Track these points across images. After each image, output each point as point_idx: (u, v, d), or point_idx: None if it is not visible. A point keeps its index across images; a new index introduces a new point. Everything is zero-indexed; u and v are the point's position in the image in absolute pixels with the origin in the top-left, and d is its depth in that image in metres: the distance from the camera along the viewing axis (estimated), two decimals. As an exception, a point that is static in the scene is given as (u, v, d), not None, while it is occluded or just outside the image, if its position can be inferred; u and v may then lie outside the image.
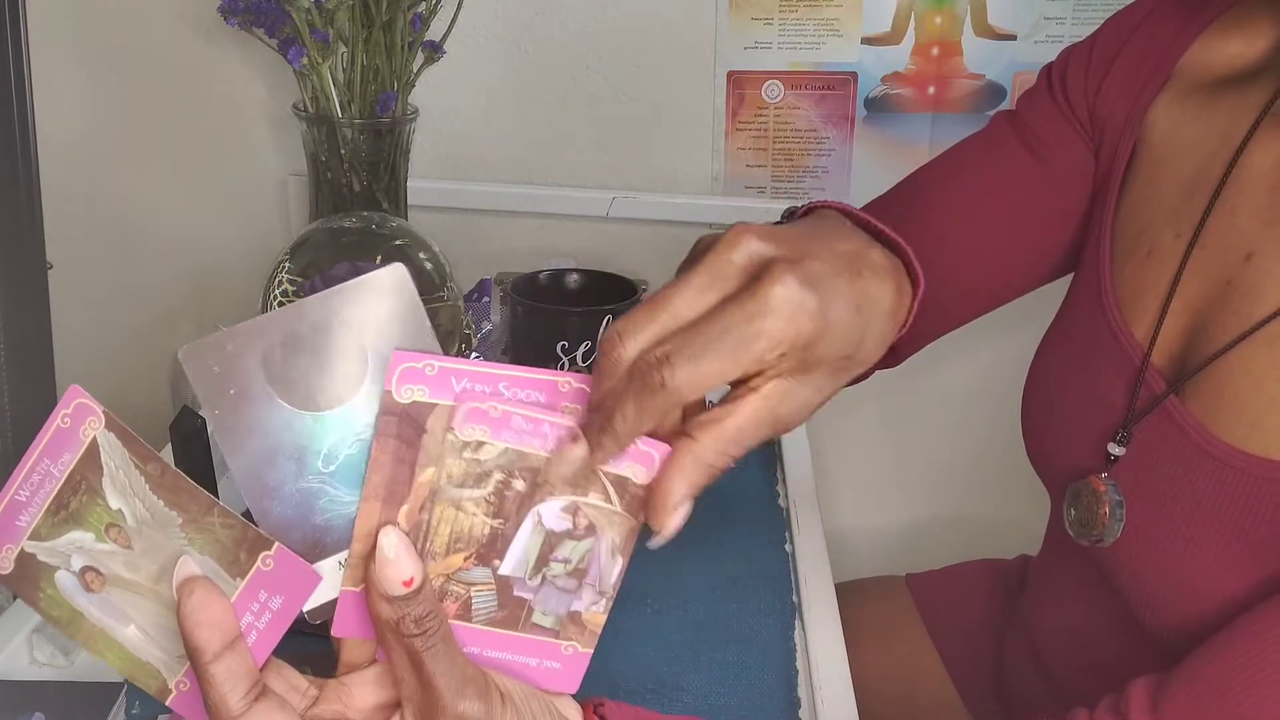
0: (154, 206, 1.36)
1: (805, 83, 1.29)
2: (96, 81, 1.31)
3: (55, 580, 0.47)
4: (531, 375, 0.46)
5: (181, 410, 0.87)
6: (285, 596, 0.47)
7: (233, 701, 0.45)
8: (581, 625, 0.49)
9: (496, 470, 0.46)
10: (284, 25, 1.12)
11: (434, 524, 0.47)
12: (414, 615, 0.45)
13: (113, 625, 0.48)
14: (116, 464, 0.47)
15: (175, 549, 0.47)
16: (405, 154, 1.20)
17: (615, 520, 0.47)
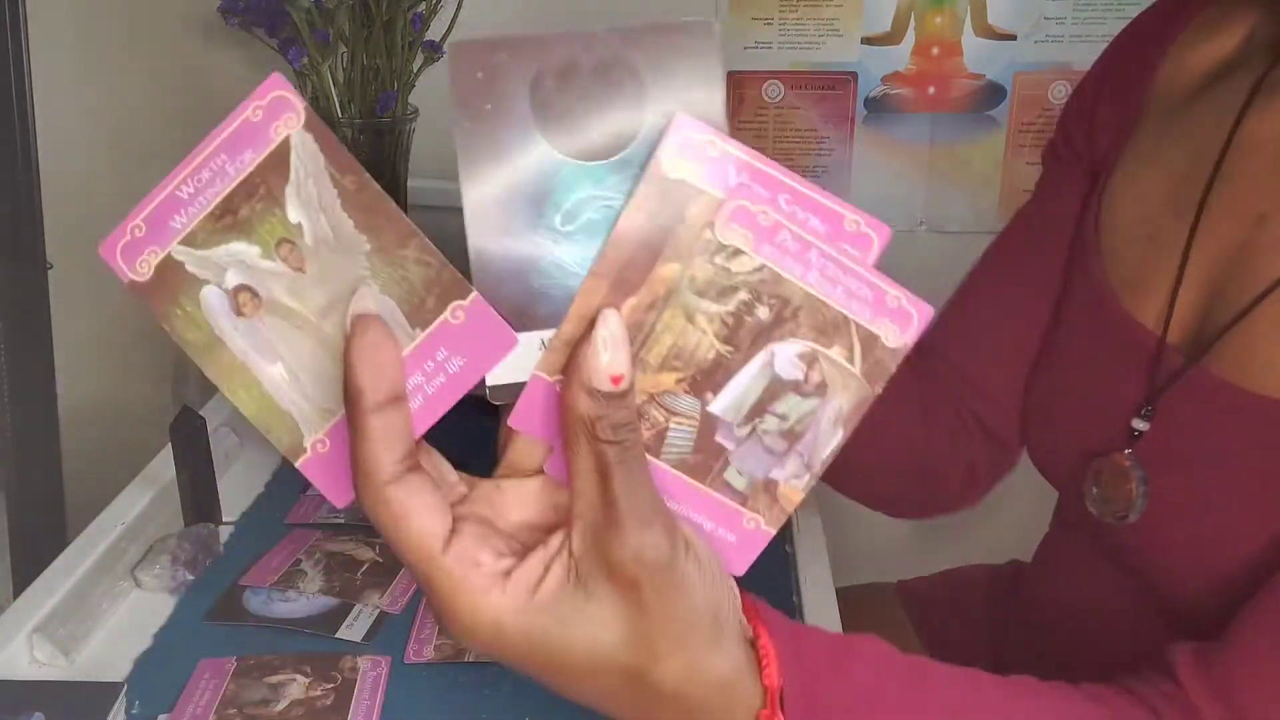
0: (154, 206, 1.36)
1: (805, 83, 1.29)
2: (96, 81, 1.31)
3: (201, 297, 0.41)
4: (819, 198, 0.40)
5: (181, 410, 0.87)
6: (467, 359, 0.40)
7: (387, 462, 0.39)
8: (774, 497, 0.42)
9: (744, 288, 0.40)
10: (284, 25, 1.12)
11: (658, 330, 0.40)
12: (614, 419, 0.38)
13: (256, 360, 0.41)
14: (307, 170, 0.40)
15: (353, 279, 0.40)
16: (405, 154, 1.20)
17: (851, 384, 0.41)
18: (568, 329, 0.40)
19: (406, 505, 0.39)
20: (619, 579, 0.39)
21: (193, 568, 0.81)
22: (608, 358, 0.39)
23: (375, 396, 0.39)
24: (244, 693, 0.69)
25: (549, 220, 0.41)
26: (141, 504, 0.88)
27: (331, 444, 0.42)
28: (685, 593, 0.40)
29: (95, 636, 0.76)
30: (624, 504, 0.39)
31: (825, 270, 0.40)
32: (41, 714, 0.66)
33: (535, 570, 0.40)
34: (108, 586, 0.79)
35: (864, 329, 0.40)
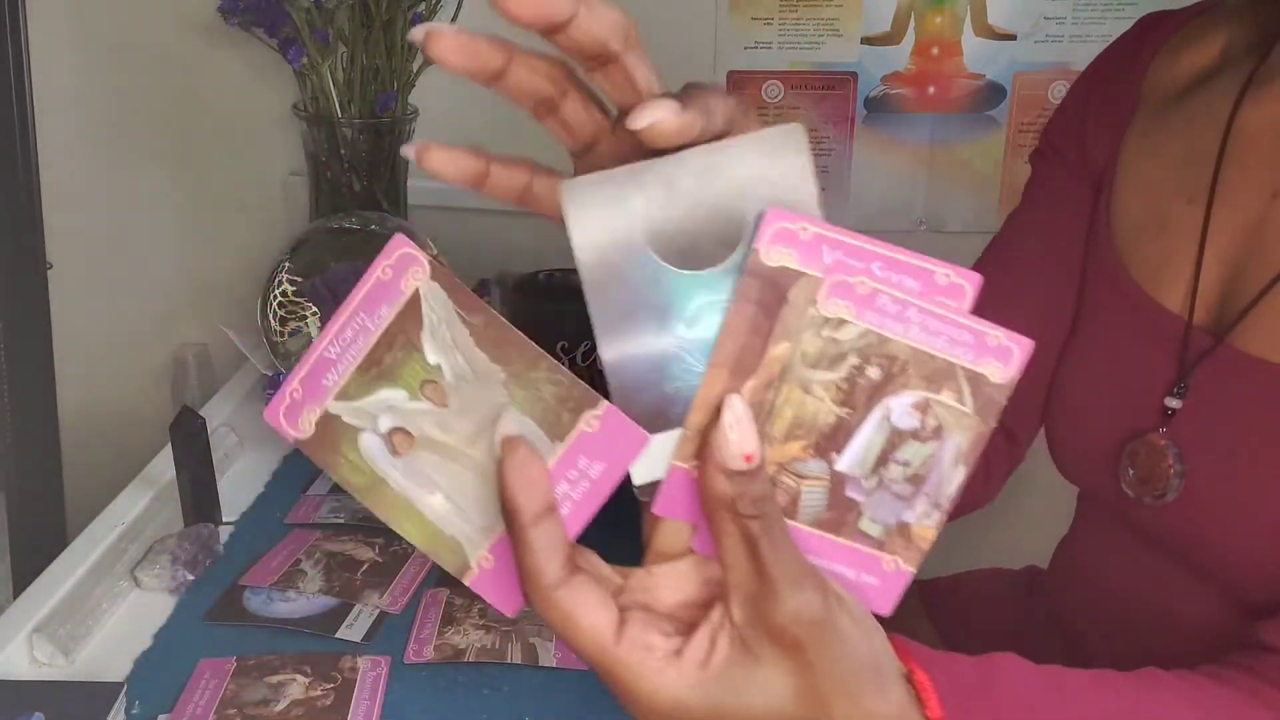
0: (154, 206, 1.36)
1: (805, 83, 1.29)
2: (96, 81, 1.31)
3: (359, 443, 0.45)
4: (909, 260, 0.43)
5: (181, 410, 0.87)
6: (606, 463, 0.44)
7: (551, 570, 0.42)
8: (909, 538, 0.45)
9: (853, 353, 0.43)
10: (284, 25, 1.12)
11: (778, 405, 0.43)
12: (752, 494, 0.42)
13: (417, 493, 0.45)
14: (439, 316, 0.44)
15: (494, 406, 0.44)
16: (405, 154, 1.20)
17: (964, 423, 0.43)
18: (696, 418, 0.44)
19: (575, 605, 0.42)
20: (782, 641, 0.42)
21: (193, 568, 0.81)
22: (736, 438, 0.42)
23: (531, 510, 0.42)
24: (244, 693, 0.69)
25: (674, 328, 0.44)
26: (141, 504, 0.88)
27: (496, 558, 0.45)
28: (845, 644, 0.43)
29: (95, 636, 0.76)
30: (774, 571, 0.42)
31: (925, 324, 0.43)
32: (41, 714, 0.66)
33: (703, 645, 0.43)
34: (108, 586, 0.79)
35: (970, 370, 0.43)
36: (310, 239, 1.09)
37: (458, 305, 0.44)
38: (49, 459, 1.25)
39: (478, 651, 0.73)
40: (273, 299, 1.06)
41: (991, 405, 0.43)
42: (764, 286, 0.43)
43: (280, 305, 1.06)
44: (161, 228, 1.37)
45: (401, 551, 0.85)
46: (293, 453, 1.01)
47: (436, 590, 0.80)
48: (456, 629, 0.75)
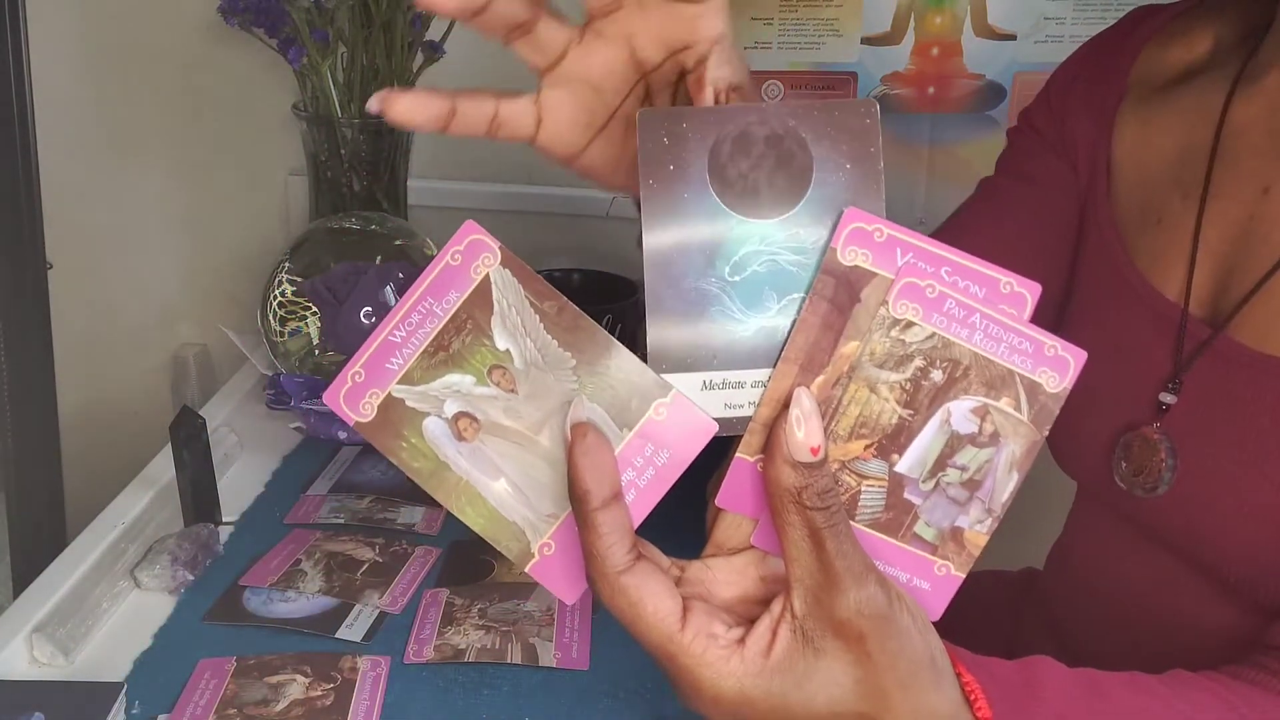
0: (154, 206, 1.36)
1: (805, 83, 1.29)
2: (96, 81, 1.31)
3: (423, 428, 0.45)
4: (977, 266, 0.44)
5: (181, 410, 0.87)
6: (672, 451, 0.45)
7: (619, 553, 0.43)
8: (961, 544, 0.46)
9: (919, 355, 0.44)
10: (284, 25, 1.12)
11: (845, 403, 0.44)
12: (817, 487, 0.42)
13: (480, 479, 0.45)
14: (510, 302, 0.45)
15: (563, 394, 0.45)
16: (405, 154, 1.20)
17: (1021, 431, 0.45)
18: (764, 412, 0.45)
19: (642, 591, 0.43)
20: (845, 634, 0.43)
21: (193, 568, 0.81)
22: (804, 432, 0.42)
23: (601, 495, 0.43)
24: (244, 693, 0.69)
25: (719, 270, 0.45)
26: (141, 504, 0.88)
27: (558, 546, 0.46)
28: (905, 640, 0.44)
29: (95, 636, 0.76)
30: (839, 564, 0.42)
31: (989, 330, 0.44)
32: (41, 714, 0.66)
33: (765, 636, 0.44)
34: (108, 586, 0.79)
35: (1027, 379, 0.44)
36: (310, 239, 1.09)
37: (529, 292, 0.45)
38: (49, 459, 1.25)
39: (478, 651, 0.73)
40: (273, 299, 1.06)
41: (1046, 414, 0.45)
42: (838, 285, 0.44)
43: (280, 305, 1.06)
44: (161, 228, 1.37)
45: (401, 551, 0.85)
46: (293, 453, 1.01)
47: (436, 590, 0.80)
48: (456, 629, 0.75)
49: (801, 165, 0.45)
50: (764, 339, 0.45)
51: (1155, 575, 0.74)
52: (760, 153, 0.45)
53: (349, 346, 1.04)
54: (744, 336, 0.45)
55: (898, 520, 0.45)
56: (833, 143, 0.45)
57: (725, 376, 0.45)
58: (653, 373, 0.45)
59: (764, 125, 0.45)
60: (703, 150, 0.45)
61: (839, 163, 0.45)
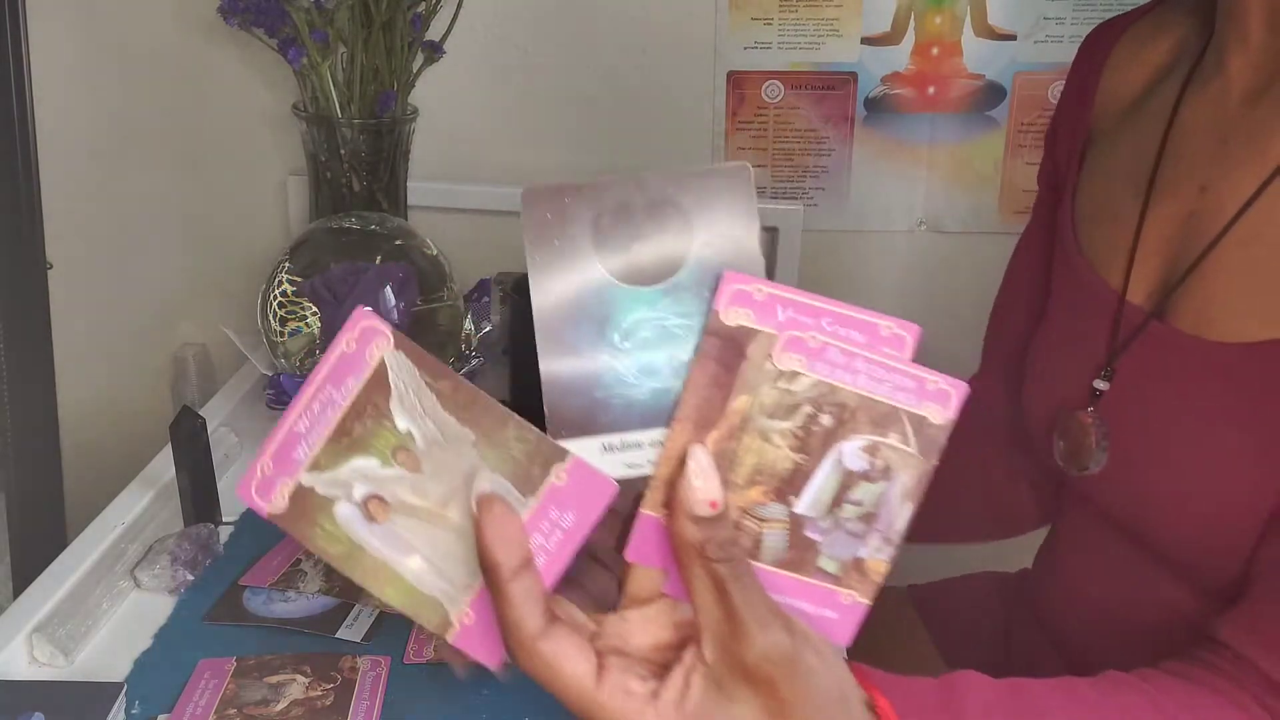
0: (154, 206, 1.36)
1: (805, 83, 1.29)
2: (96, 81, 1.31)
3: (334, 513, 0.46)
4: (854, 314, 0.46)
5: (181, 410, 0.87)
6: (576, 513, 0.46)
7: (531, 621, 0.44)
8: (864, 573, 0.48)
9: (806, 403, 0.46)
10: (284, 25, 1.12)
11: (740, 454, 0.46)
12: (719, 539, 0.44)
13: (395, 557, 0.46)
14: (406, 384, 0.46)
15: (466, 468, 0.46)
16: (405, 154, 1.20)
17: (910, 462, 0.47)
18: (663, 470, 0.47)
19: (557, 654, 0.44)
20: (754, 679, 0.44)
21: (193, 568, 0.81)
22: (701, 486, 0.45)
23: (510, 565, 0.44)
24: (244, 693, 0.69)
25: (609, 338, 0.47)
26: (141, 504, 0.88)
27: (476, 614, 0.47)
28: (812, 679, 0.45)
29: (95, 636, 0.76)
30: (744, 612, 0.44)
31: (871, 373, 0.46)
32: (41, 714, 0.66)
33: (678, 686, 0.45)
34: (108, 586, 0.79)
35: (913, 414, 0.46)
36: (310, 239, 1.09)
37: (424, 372, 0.46)
38: (49, 459, 1.25)
39: (478, 651, 0.73)
40: (273, 299, 1.06)
41: (933, 444, 0.47)
42: (724, 345, 0.46)
43: (280, 305, 1.06)
44: (161, 228, 1.37)
45: (401, 551, 0.85)
46: (293, 453, 1.00)
47: (436, 590, 0.80)
48: (456, 629, 0.75)
49: (680, 232, 0.47)
50: (658, 400, 0.47)
51: (1129, 568, 0.75)
52: (640, 222, 0.47)
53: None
54: (639, 399, 0.47)
55: (801, 557, 0.47)
56: (710, 209, 0.47)
57: (623, 438, 0.47)
58: (550, 439, 0.46)
59: (643, 195, 0.47)
60: (586, 224, 0.47)
61: (717, 227, 0.47)
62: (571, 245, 0.47)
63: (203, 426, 0.87)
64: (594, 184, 0.47)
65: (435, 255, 1.10)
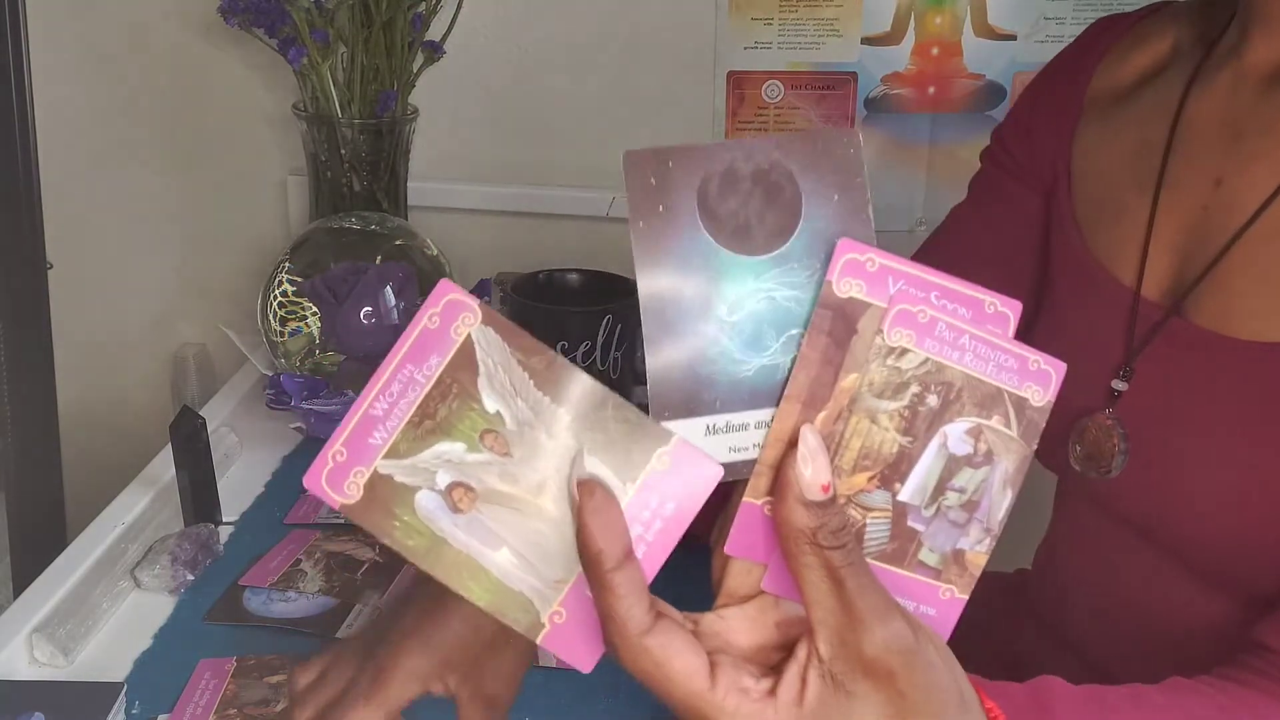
0: (154, 206, 1.36)
1: (805, 83, 1.29)
2: (96, 81, 1.31)
3: (415, 503, 0.42)
4: (961, 289, 0.44)
5: (181, 410, 0.87)
6: (678, 501, 0.43)
7: (638, 616, 0.41)
8: (963, 566, 0.45)
9: (914, 381, 0.44)
10: (284, 25, 1.12)
11: (847, 436, 0.44)
12: (832, 526, 0.41)
13: (481, 550, 0.42)
14: (495, 361, 0.42)
15: (562, 452, 0.42)
16: (405, 154, 1.20)
17: (1012, 447, 0.45)
18: (769, 453, 0.44)
19: (666, 650, 0.42)
20: (875, 673, 0.42)
21: (193, 568, 0.81)
22: (812, 470, 0.42)
23: (615, 555, 0.41)
24: (244, 693, 0.69)
25: (716, 311, 0.44)
26: (141, 504, 0.88)
27: (569, 613, 0.43)
28: (934, 674, 0.43)
29: (95, 636, 0.76)
30: (862, 603, 0.41)
31: (977, 351, 0.44)
32: (41, 714, 0.66)
33: (794, 684, 0.42)
34: (108, 586, 0.79)
35: (1015, 395, 0.45)
36: (310, 239, 1.09)
37: (515, 349, 0.43)
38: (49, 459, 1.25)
39: (478, 651, 0.73)
40: (273, 299, 1.06)
41: (1033, 428, 0.45)
42: (835, 318, 0.44)
43: (280, 305, 1.06)
44: (161, 228, 1.37)
45: (401, 551, 0.85)
46: (293, 452, 1.01)
47: (436, 590, 0.80)
48: (456, 629, 0.75)
49: (790, 198, 0.45)
50: (764, 379, 0.44)
51: (1137, 567, 0.75)
52: (748, 189, 0.44)
53: (349, 346, 1.04)
54: (745, 377, 0.44)
55: (902, 549, 0.45)
56: (819, 173, 0.45)
57: (729, 420, 0.44)
58: (653, 421, 0.43)
59: (749, 160, 0.44)
60: (690, 190, 0.44)
61: (827, 194, 0.45)
62: (676, 212, 0.44)
63: (203, 426, 0.87)
64: (698, 147, 0.44)
65: (435, 255, 1.10)
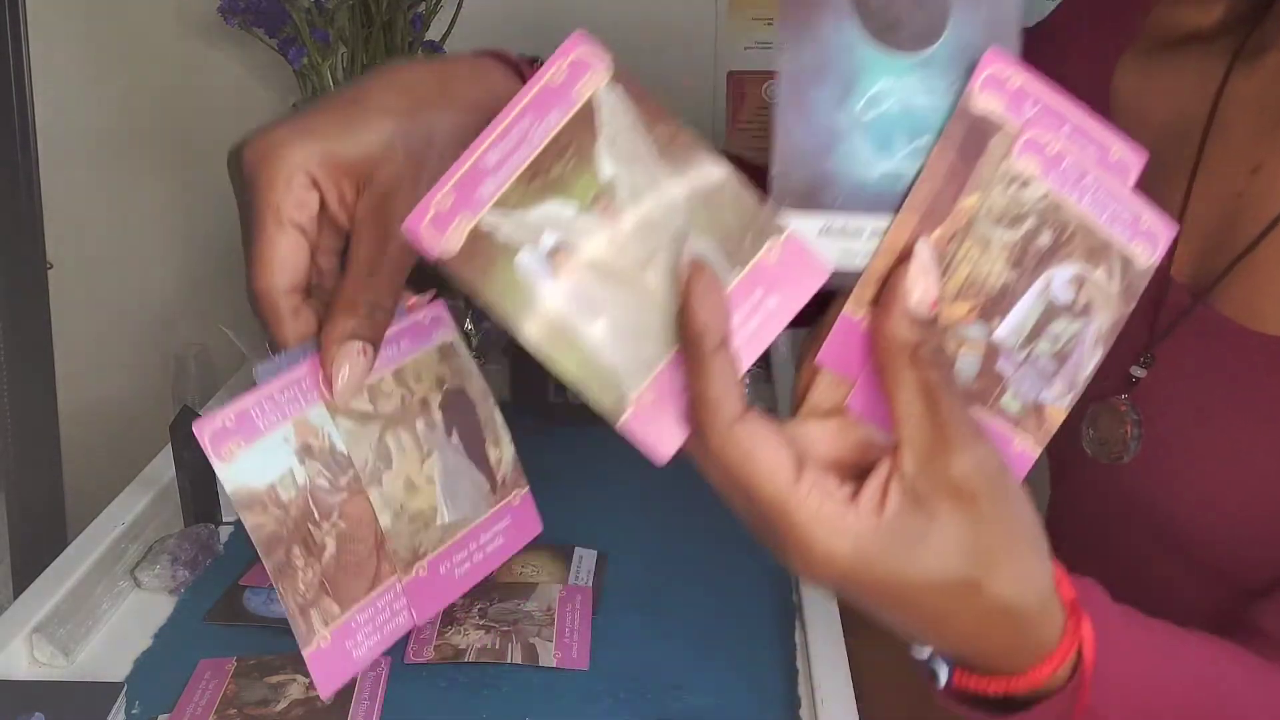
0: (154, 206, 1.36)
1: (805, 83, 1.29)
2: (96, 81, 1.31)
3: (515, 263, 0.40)
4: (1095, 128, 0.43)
5: (181, 410, 0.87)
6: (781, 296, 0.41)
7: (733, 402, 0.40)
8: (1040, 419, 0.44)
9: (1032, 215, 0.43)
10: (284, 25, 1.12)
11: (957, 260, 0.43)
12: (933, 345, 0.41)
13: (576, 319, 0.41)
14: (619, 125, 0.41)
15: (673, 228, 0.41)
16: (405, 154, 1.20)
17: (1110, 304, 0.44)
18: (878, 264, 0.43)
19: (755, 440, 0.40)
20: (959, 494, 0.41)
21: (193, 568, 0.81)
22: (923, 286, 0.41)
23: (716, 337, 0.40)
24: (244, 693, 0.69)
25: (851, 104, 0.43)
26: (141, 504, 0.88)
27: (656, 396, 0.41)
28: (1016, 502, 0.43)
29: (95, 636, 0.76)
30: (954, 423, 0.40)
31: (1096, 196, 0.43)
32: (41, 714, 0.66)
33: (876, 494, 0.41)
34: (108, 586, 0.79)
35: (1122, 251, 0.43)
36: (310, 239, 1.09)
37: (641, 113, 0.41)
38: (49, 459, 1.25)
39: (478, 651, 0.73)
40: (273, 299, 1.06)
41: (1133, 290, 0.44)
42: (968, 133, 0.42)
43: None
44: (161, 228, 1.37)
45: (401, 551, 0.85)
46: (293, 453, 1.00)
47: (436, 590, 0.80)
48: (456, 629, 0.75)
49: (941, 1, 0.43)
50: (887, 185, 0.43)
51: (1136, 557, 0.74)
52: None
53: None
54: (868, 180, 0.43)
55: (986, 390, 0.44)
56: None
57: (845, 223, 0.43)
58: (769, 210, 0.41)
59: None
60: None
61: (977, 5, 0.43)
62: None
63: (203, 426, 0.87)
64: None
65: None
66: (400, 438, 0.51)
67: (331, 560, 0.49)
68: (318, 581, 0.48)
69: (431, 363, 0.53)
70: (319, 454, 0.48)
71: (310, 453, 0.48)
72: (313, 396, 0.48)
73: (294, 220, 0.48)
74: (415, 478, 0.52)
